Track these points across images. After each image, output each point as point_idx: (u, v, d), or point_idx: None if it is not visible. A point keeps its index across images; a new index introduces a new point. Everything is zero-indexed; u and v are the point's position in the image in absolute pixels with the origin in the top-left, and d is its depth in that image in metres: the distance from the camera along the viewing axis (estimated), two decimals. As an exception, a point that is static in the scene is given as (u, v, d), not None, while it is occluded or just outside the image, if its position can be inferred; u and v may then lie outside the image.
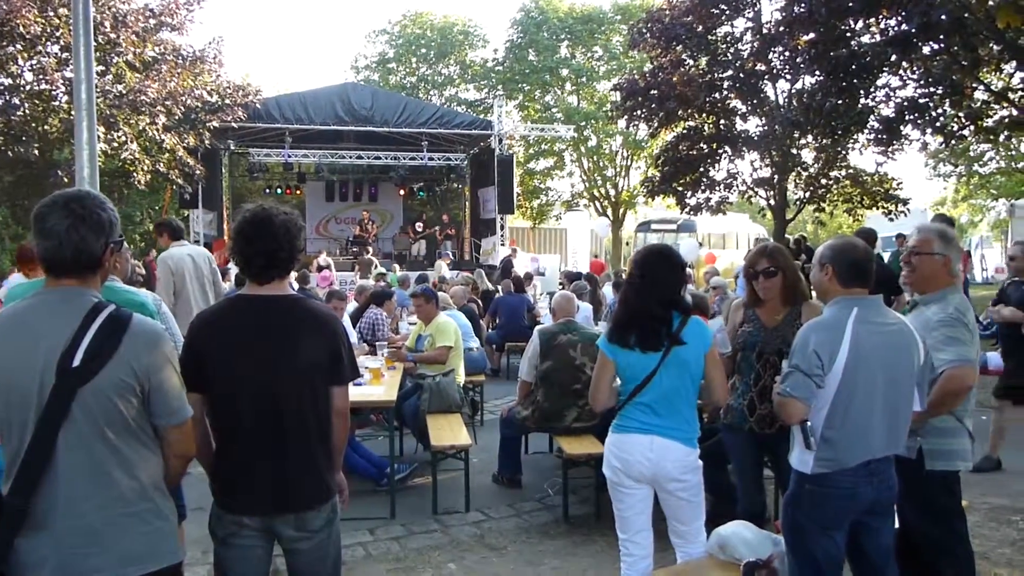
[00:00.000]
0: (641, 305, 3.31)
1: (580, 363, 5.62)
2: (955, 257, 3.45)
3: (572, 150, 32.22)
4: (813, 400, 2.87)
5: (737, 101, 17.78)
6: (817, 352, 2.85)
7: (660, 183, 18.88)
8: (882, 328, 2.95)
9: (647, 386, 3.27)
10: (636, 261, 3.44)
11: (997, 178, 29.21)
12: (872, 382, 2.88)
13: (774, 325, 3.85)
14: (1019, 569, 4.43)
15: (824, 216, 19.81)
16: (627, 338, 3.30)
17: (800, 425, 2.91)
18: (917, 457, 3.32)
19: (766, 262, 3.83)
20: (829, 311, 3.02)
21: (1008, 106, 11.12)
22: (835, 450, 2.89)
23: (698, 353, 3.29)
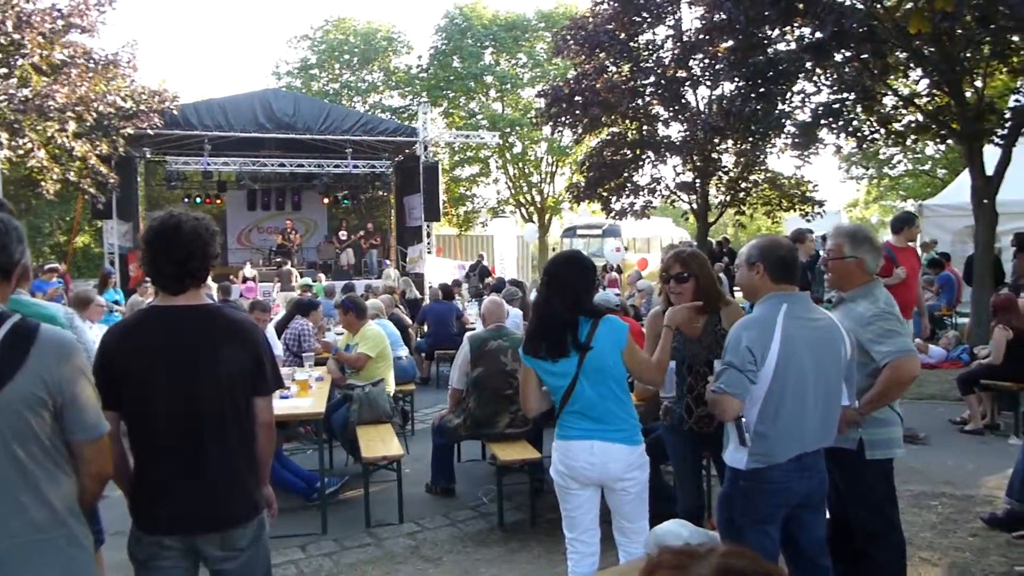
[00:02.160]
0: (548, 311, 3.30)
1: (511, 369, 5.58)
2: (869, 256, 3.53)
3: (497, 157, 32.29)
4: (747, 396, 2.90)
5: (659, 107, 18.06)
6: (750, 348, 2.87)
7: (585, 189, 19.03)
8: (810, 323, 3.00)
9: (573, 395, 3.26)
10: (545, 269, 3.44)
11: (905, 180, 30.58)
12: (803, 377, 2.92)
13: (696, 335, 3.85)
14: (940, 551, 4.58)
15: (744, 219, 20.34)
16: (538, 348, 3.29)
17: (735, 421, 2.92)
18: (858, 447, 3.40)
19: (679, 267, 3.80)
20: (759, 308, 3.06)
21: (915, 111, 11.60)
22: (768, 445, 2.92)
23: (614, 355, 3.26)
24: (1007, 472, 5.24)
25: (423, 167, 20.19)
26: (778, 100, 13.06)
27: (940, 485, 5.77)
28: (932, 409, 8.04)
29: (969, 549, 4.62)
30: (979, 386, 7.38)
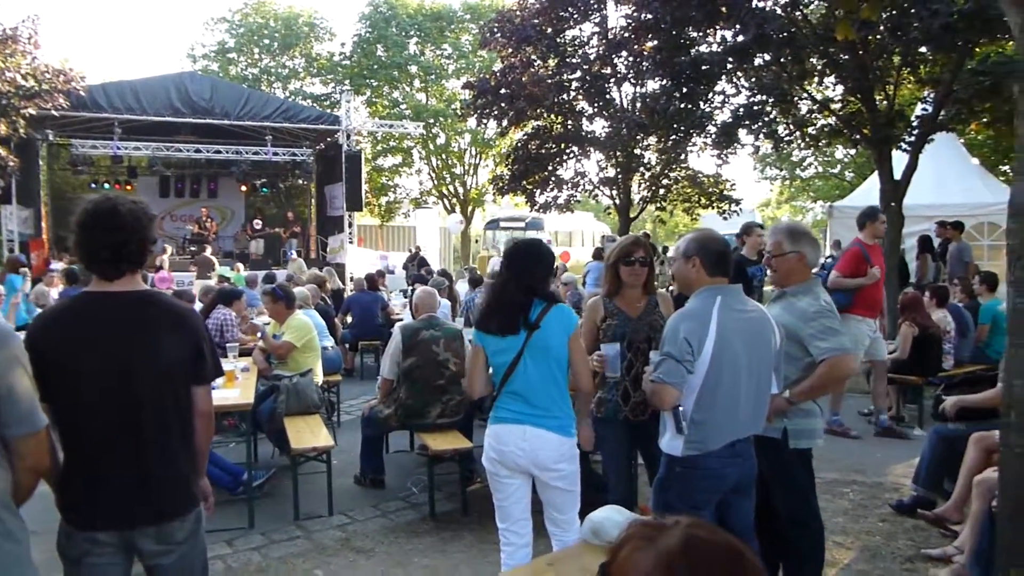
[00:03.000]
0: (503, 291, 3.39)
1: (443, 359, 5.57)
2: (809, 250, 3.67)
3: (421, 147, 32.06)
4: (684, 385, 2.98)
5: (584, 103, 18.29)
6: (687, 339, 2.96)
7: (510, 181, 19.10)
8: (743, 315, 3.12)
9: (514, 372, 3.31)
10: (505, 253, 3.54)
11: (816, 182, 31.84)
12: (736, 366, 3.03)
13: (638, 314, 3.97)
14: (852, 535, 4.81)
15: (664, 215, 20.80)
16: (490, 324, 3.36)
17: (672, 410, 3.01)
18: (782, 437, 3.53)
19: (642, 252, 3.99)
20: (695, 300, 3.15)
21: (829, 116, 12.08)
22: (704, 432, 3.02)
23: (560, 338, 3.34)
24: (912, 461, 5.55)
25: (345, 156, 19.87)
26: (701, 100, 13.40)
27: (851, 473, 6.04)
28: (843, 401, 8.39)
29: (879, 533, 4.86)
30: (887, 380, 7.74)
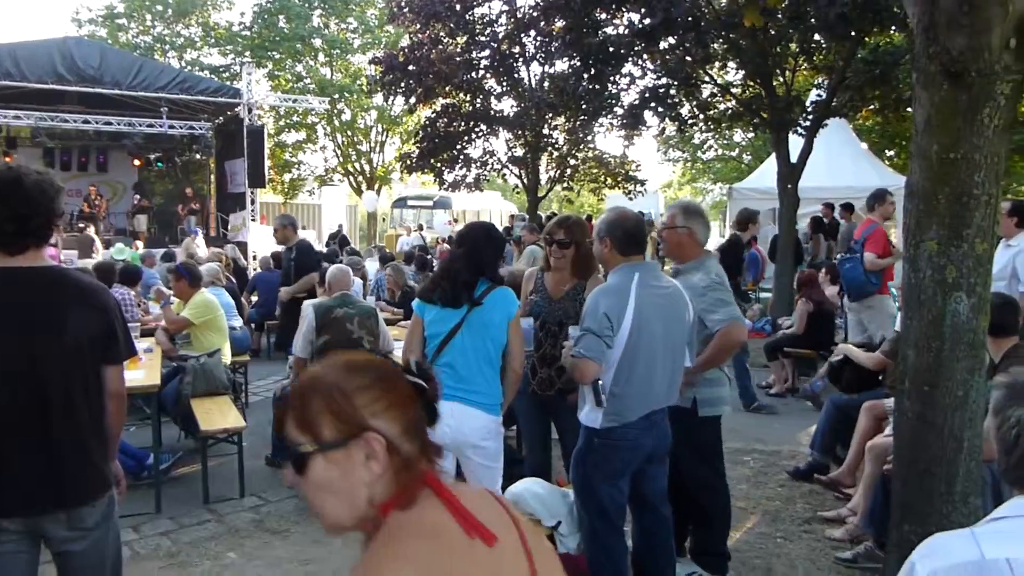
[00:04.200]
0: (453, 267, 3.41)
1: (358, 336, 5.49)
2: (699, 228, 3.80)
3: (325, 123, 31.31)
4: (604, 360, 3.06)
5: (493, 81, 18.28)
6: (607, 315, 3.05)
7: (418, 159, 18.94)
8: (659, 291, 3.23)
9: (449, 344, 3.33)
10: (460, 233, 3.63)
11: (716, 164, 32.84)
12: (653, 340, 3.14)
13: (558, 297, 4.02)
14: (754, 501, 5.06)
15: (572, 195, 21.09)
16: (433, 295, 3.39)
17: (592, 384, 3.09)
18: (692, 406, 3.68)
19: (562, 233, 3.97)
20: (614, 277, 3.25)
21: (731, 99, 12.48)
22: (622, 404, 3.12)
23: (500, 318, 3.38)
24: (808, 429, 5.86)
25: (247, 131, 19.17)
26: (608, 82, 13.60)
27: (752, 443, 6.33)
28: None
29: (778, 498, 5.12)
30: (783, 353, 8.13)
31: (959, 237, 2.59)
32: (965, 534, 1.42)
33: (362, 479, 1.21)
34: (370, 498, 1.22)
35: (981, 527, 1.43)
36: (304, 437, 1.23)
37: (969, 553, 1.36)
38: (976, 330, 2.65)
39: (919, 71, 2.65)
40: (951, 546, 1.41)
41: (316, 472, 1.22)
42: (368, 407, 1.23)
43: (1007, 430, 1.43)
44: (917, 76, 2.67)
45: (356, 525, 1.25)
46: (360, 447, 1.21)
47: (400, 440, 1.23)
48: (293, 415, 1.24)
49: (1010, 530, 1.38)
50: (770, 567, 4.10)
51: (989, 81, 2.49)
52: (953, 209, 2.60)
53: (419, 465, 1.24)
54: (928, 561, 1.40)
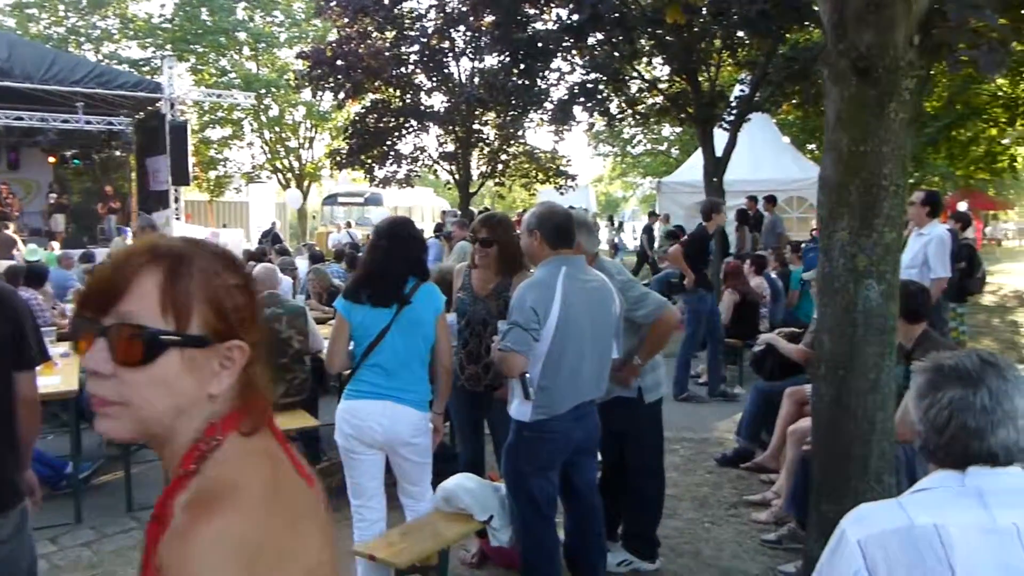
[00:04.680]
0: (380, 265, 3.35)
1: (287, 336, 5.41)
2: (585, 239, 3.66)
3: (252, 119, 30.61)
4: (531, 353, 3.08)
5: (423, 76, 18.16)
6: (534, 308, 3.06)
7: (348, 156, 18.72)
8: (586, 284, 3.26)
9: (379, 345, 3.29)
10: (378, 229, 3.51)
11: (645, 159, 33.35)
12: (581, 333, 3.17)
13: (484, 295, 4.00)
14: (684, 487, 5.17)
15: (503, 190, 21.13)
16: (360, 295, 3.32)
17: (520, 377, 3.10)
18: (638, 395, 3.76)
19: (485, 231, 3.93)
20: (541, 271, 3.27)
21: (658, 95, 12.69)
22: (551, 397, 3.14)
23: (429, 315, 3.37)
24: (735, 418, 6.01)
25: (169, 126, 18.60)
26: (538, 77, 13.68)
27: (682, 431, 6.46)
28: (670, 364, 8.90)
29: (707, 484, 5.25)
30: (711, 343, 8.30)
31: (869, 227, 2.70)
32: (892, 503, 1.50)
33: (206, 388, 1.02)
34: (211, 413, 1.03)
35: (906, 497, 1.51)
36: (165, 319, 0.98)
37: (898, 520, 1.44)
38: (886, 316, 2.77)
39: (830, 67, 2.75)
40: (880, 514, 1.49)
41: (166, 366, 0.98)
42: (239, 311, 1.04)
43: (938, 411, 1.49)
44: (828, 72, 2.77)
45: (164, 435, 1.02)
46: (220, 353, 1.02)
47: (256, 358, 1.06)
48: (157, 286, 0.99)
49: (935, 499, 1.47)
50: (698, 551, 4.20)
51: (895, 76, 2.60)
52: (863, 200, 2.71)
53: (266, 392, 1.09)
54: (858, 528, 1.47)
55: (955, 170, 19.21)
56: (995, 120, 17.19)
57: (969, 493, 1.45)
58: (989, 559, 1.38)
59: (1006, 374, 1.50)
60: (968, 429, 1.46)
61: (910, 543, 1.40)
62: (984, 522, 1.41)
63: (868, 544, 1.44)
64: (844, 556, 1.46)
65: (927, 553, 1.39)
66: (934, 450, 1.52)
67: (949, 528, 1.40)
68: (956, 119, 16.34)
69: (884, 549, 1.42)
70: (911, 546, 1.40)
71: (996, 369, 1.50)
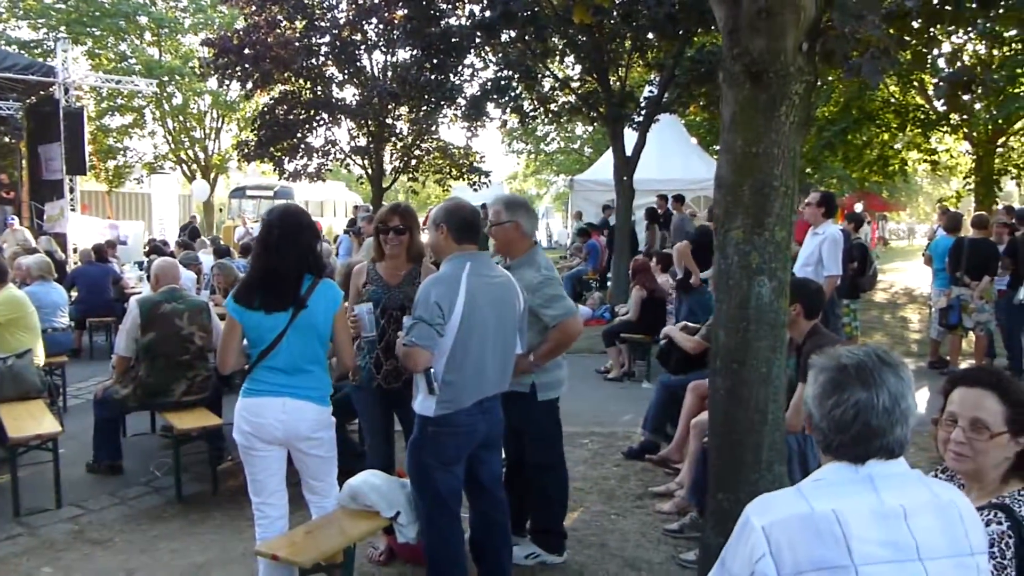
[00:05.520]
0: (272, 265, 3.25)
1: (188, 332, 5.26)
2: (525, 219, 3.87)
3: (155, 107, 29.46)
4: (436, 348, 3.09)
5: (334, 68, 17.86)
6: (438, 304, 3.07)
7: (257, 148, 18.24)
8: (491, 280, 3.29)
9: (275, 349, 3.23)
10: (268, 222, 3.35)
11: (559, 156, 33.72)
12: (485, 328, 3.19)
13: (397, 282, 3.99)
14: (591, 481, 5.26)
15: (417, 186, 20.98)
16: (252, 299, 3.22)
17: (424, 372, 3.11)
18: (531, 391, 3.79)
19: (398, 220, 3.93)
20: (446, 266, 3.28)
21: (569, 94, 12.85)
22: (455, 392, 3.16)
23: (326, 315, 3.32)
24: (642, 411, 6.14)
25: (64, 112, 17.71)
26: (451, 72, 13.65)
27: (590, 426, 6.58)
28: (581, 361, 9.04)
29: (614, 477, 5.36)
30: (619, 339, 8.49)
31: (761, 225, 2.82)
32: (792, 491, 1.60)
33: None
34: None
35: (805, 485, 1.60)
36: None
37: (800, 507, 1.53)
38: (777, 311, 2.89)
39: (725, 71, 2.85)
40: (782, 502, 1.58)
41: None
42: None
43: (844, 411, 1.58)
44: (724, 76, 2.87)
45: None
46: None
47: None
48: None
49: (833, 488, 1.56)
50: (604, 542, 4.29)
51: (785, 81, 2.72)
52: (756, 200, 2.82)
53: None
54: (762, 516, 1.55)
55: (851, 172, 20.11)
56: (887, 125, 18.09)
57: (862, 480, 1.56)
58: (880, 538, 1.49)
59: (902, 373, 1.61)
60: (871, 428, 1.56)
61: (811, 527, 1.50)
62: (875, 505, 1.52)
63: (772, 530, 1.52)
64: (749, 542, 1.54)
65: (827, 536, 1.48)
66: (837, 447, 1.60)
67: (846, 513, 1.50)
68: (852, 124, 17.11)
69: (787, 534, 1.51)
70: (812, 530, 1.49)
71: (893, 369, 1.60)
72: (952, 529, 1.55)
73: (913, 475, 1.61)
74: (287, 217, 3.34)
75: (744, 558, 1.55)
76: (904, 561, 1.49)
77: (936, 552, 1.51)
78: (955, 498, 1.61)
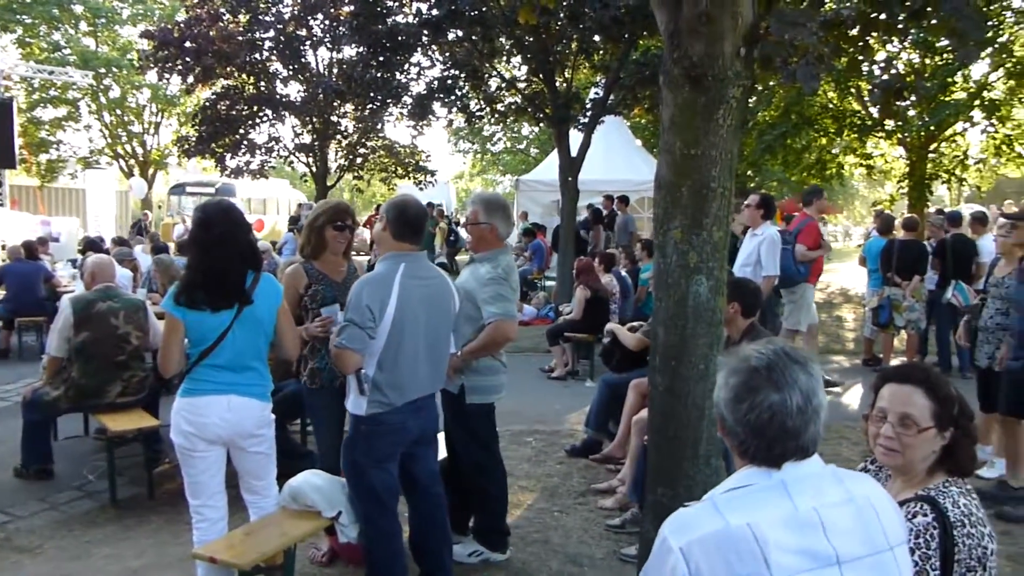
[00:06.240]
0: (216, 263, 3.18)
1: (124, 332, 5.13)
2: (501, 223, 3.89)
3: (90, 100, 28.59)
4: (367, 350, 3.11)
5: (279, 64, 17.59)
6: (369, 306, 3.08)
7: (197, 143, 17.85)
8: (425, 281, 3.31)
9: (219, 346, 3.17)
10: (204, 219, 3.25)
11: (505, 156, 33.77)
12: (416, 329, 3.21)
13: (341, 279, 3.96)
14: (535, 479, 5.30)
15: (362, 184, 20.78)
16: (196, 298, 3.15)
17: (355, 373, 3.13)
18: (459, 392, 3.79)
19: (348, 217, 3.97)
20: (380, 266, 3.27)
21: (516, 94, 12.88)
22: (387, 392, 3.18)
23: (270, 310, 3.30)
24: (585, 409, 6.21)
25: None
26: (397, 70, 13.57)
27: (534, 424, 6.62)
28: (526, 360, 9.11)
29: (557, 475, 5.40)
30: (563, 338, 8.56)
31: (699, 225, 2.88)
32: (707, 505, 1.56)
33: None
34: None
35: (720, 496, 1.57)
36: None
37: (715, 523, 1.50)
38: (714, 310, 2.95)
39: (665, 74, 2.90)
40: (697, 519, 1.53)
41: None
42: None
43: (758, 415, 1.54)
44: (664, 78, 2.92)
45: None
46: None
47: None
48: None
49: (746, 498, 1.54)
50: (547, 539, 4.32)
51: (723, 85, 2.78)
52: (694, 200, 2.88)
53: None
54: (680, 535, 1.51)
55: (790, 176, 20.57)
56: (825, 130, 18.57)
57: (775, 487, 1.54)
58: (797, 548, 1.47)
59: (810, 370, 1.59)
60: (786, 430, 1.54)
61: (729, 544, 1.47)
62: (789, 513, 1.50)
63: (691, 550, 1.48)
64: (668, 563, 1.51)
65: (744, 553, 1.45)
66: (754, 452, 1.57)
67: (761, 525, 1.47)
68: (791, 128, 17.49)
69: (705, 554, 1.47)
70: (730, 547, 1.46)
71: (802, 366, 1.58)
72: (868, 527, 1.55)
73: (827, 473, 1.60)
74: (224, 214, 3.27)
75: None
76: (823, 568, 1.48)
77: (853, 554, 1.51)
78: (870, 493, 1.61)
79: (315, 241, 3.94)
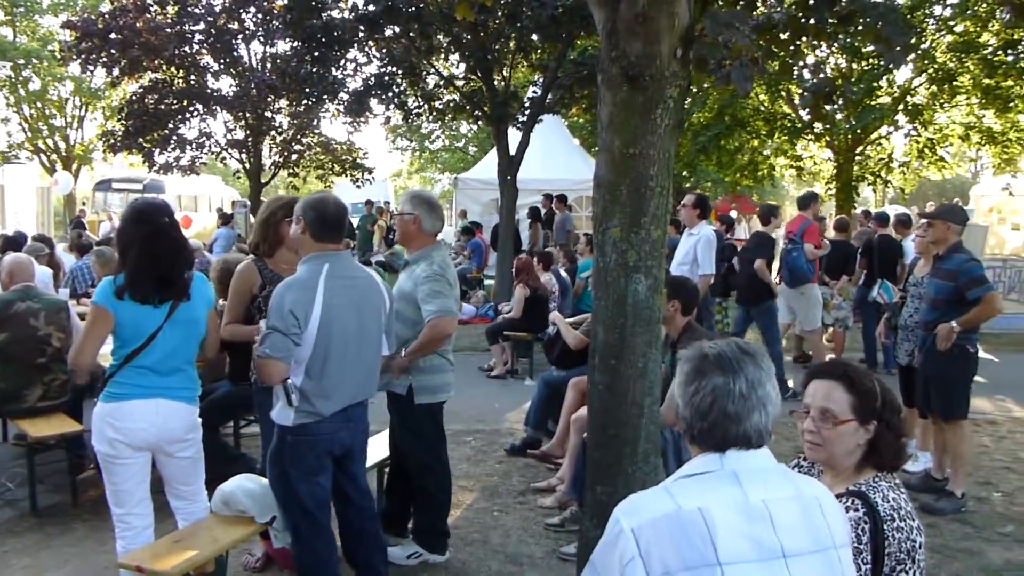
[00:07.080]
0: (149, 262, 3.06)
1: (45, 334, 4.91)
2: (425, 214, 3.86)
3: (8, 92, 27.43)
4: (292, 358, 2.95)
5: (209, 58, 17.15)
6: (293, 312, 2.91)
7: (124, 138, 17.27)
8: (352, 282, 3.15)
9: (150, 346, 3.05)
10: (137, 216, 3.14)
11: (443, 154, 33.63)
12: (345, 334, 3.06)
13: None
14: (474, 478, 5.29)
15: (298, 181, 20.42)
16: (136, 291, 3.03)
17: (281, 383, 2.96)
18: (407, 393, 3.73)
19: None
20: (303, 268, 3.10)
21: (454, 92, 12.82)
22: (315, 401, 3.02)
23: (203, 309, 3.22)
24: (525, 408, 6.21)
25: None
26: (333, 66, 13.35)
27: (473, 423, 6.60)
28: (465, 359, 9.05)
29: (496, 474, 5.40)
30: (502, 337, 8.55)
31: (638, 224, 2.90)
32: (659, 490, 1.59)
33: None
34: None
35: (672, 483, 1.61)
36: None
37: (666, 506, 1.53)
38: (653, 308, 2.97)
39: (603, 73, 2.91)
40: (649, 502, 1.57)
41: None
42: None
43: (702, 398, 1.60)
44: (602, 77, 2.93)
45: None
46: None
47: None
48: None
49: (699, 485, 1.57)
50: (487, 539, 4.31)
51: (660, 85, 2.80)
52: (633, 199, 2.89)
53: None
54: (631, 518, 1.54)
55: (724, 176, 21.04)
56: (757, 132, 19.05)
57: (727, 475, 1.58)
58: (745, 535, 1.51)
59: (761, 363, 1.64)
60: (728, 414, 1.58)
61: (679, 527, 1.50)
62: (740, 501, 1.54)
63: (642, 531, 1.51)
64: (618, 545, 1.53)
65: (694, 535, 1.49)
66: (698, 434, 1.62)
67: (712, 510, 1.51)
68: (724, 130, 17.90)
69: (656, 535, 1.50)
70: (680, 530, 1.50)
71: (752, 358, 1.64)
72: (815, 524, 1.58)
73: (778, 470, 1.64)
74: (156, 211, 3.18)
75: (614, 561, 1.54)
76: (768, 560, 1.51)
77: (800, 549, 1.54)
78: (818, 494, 1.65)
79: (272, 237, 3.81)
